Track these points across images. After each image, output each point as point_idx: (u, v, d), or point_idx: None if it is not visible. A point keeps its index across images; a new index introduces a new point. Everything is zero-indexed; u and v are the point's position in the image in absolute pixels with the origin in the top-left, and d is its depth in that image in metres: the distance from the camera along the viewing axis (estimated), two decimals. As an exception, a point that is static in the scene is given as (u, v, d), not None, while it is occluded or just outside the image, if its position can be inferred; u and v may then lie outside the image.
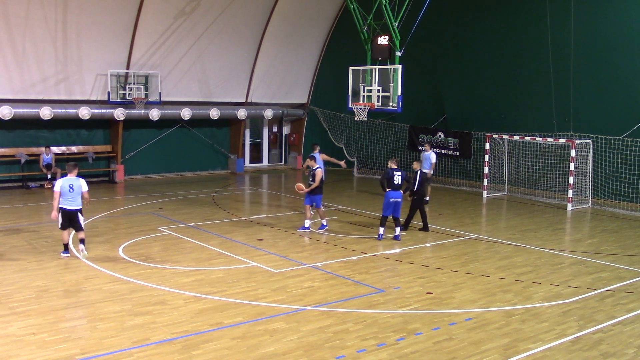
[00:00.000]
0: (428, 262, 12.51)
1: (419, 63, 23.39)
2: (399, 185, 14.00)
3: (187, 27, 23.00)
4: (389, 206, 14.02)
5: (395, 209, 14.07)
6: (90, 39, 21.40)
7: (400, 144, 25.28)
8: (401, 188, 14.10)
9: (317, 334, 8.55)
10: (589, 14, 19.79)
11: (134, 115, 22.73)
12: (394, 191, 13.99)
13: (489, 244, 14.30)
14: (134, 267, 11.69)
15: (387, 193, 14.04)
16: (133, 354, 7.76)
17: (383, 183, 14.11)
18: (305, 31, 26.65)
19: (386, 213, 14.13)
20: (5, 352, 7.75)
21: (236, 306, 9.62)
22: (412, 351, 8.03)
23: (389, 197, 13.98)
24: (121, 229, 15.19)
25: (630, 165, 18.80)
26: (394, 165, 14.30)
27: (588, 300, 10.27)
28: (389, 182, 13.97)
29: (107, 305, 9.55)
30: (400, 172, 14.05)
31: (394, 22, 15.92)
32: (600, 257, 13.14)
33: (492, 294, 10.47)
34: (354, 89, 16.98)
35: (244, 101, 26.25)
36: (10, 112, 20.25)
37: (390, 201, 13.97)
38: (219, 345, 8.11)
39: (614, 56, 19.39)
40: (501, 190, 21.77)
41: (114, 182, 23.25)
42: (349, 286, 10.82)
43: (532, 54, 21.28)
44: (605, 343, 8.46)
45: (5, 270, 11.32)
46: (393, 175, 13.94)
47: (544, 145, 20.61)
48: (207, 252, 12.97)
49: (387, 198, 14.02)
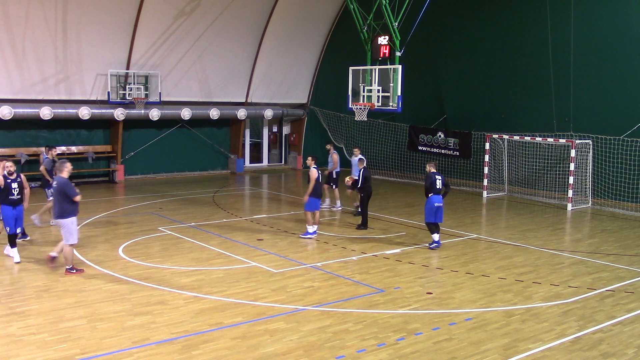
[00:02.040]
0: (428, 262, 12.52)
1: (419, 63, 23.40)
2: (440, 189, 13.52)
3: (187, 27, 23.00)
4: (433, 211, 13.44)
5: (438, 214, 13.55)
6: (90, 39, 21.40)
7: (400, 144, 25.29)
8: (441, 192, 13.59)
9: (317, 334, 8.55)
10: (589, 14, 19.80)
11: (134, 115, 22.74)
12: (436, 195, 13.47)
13: (489, 244, 14.30)
14: (134, 267, 11.70)
15: (430, 198, 13.40)
16: (133, 354, 7.76)
17: (428, 188, 13.49)
18: (305, 31, 26.65)
19: (432, 219, 13.48)
20: (5, 352, 7.76)
21: (236, 306, 9.62)
22: (412, 351, 8.03)
23: (433, 202, 13.37)
24: (121, 229, 15.19)
25: (630, 165, 18.80)
26: (433, 168, 13.68)
27: (588, 300, 10.28)
28: (431, 186, 13.46)
29: (107, 305, 9.55)
30: (440, 177, 13.58)
31: (394, 22, 15.92)
32: (600, 257, 13.14)
33: (492, 294, 10.47)
34: (354, 89, 16.99)
35: (244, 101, 26.25)
36: (10, 112, 20.26)
37: (434, 206, 13.40)
38: (219, 345, 8.11)
39: (614, 56, 19.39)
40: (501, 190, 21.77)
41: (114, 182, 23.25)
42: (349, 286, 10.82)
43: (532, 54, 21.28)
44: (605, 343, 8.46)
45: (5, 270, 11.32)
46: (435, 179, 13.47)
47: (544, 145, 20.61)
48: (207, 252, 12.97)
49: (432, 203, 13.38)
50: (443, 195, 13.62)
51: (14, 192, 11.58)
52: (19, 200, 11.75)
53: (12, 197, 11.59)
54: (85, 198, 19.05)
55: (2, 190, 11.54)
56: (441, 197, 13.54)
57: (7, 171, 11.69)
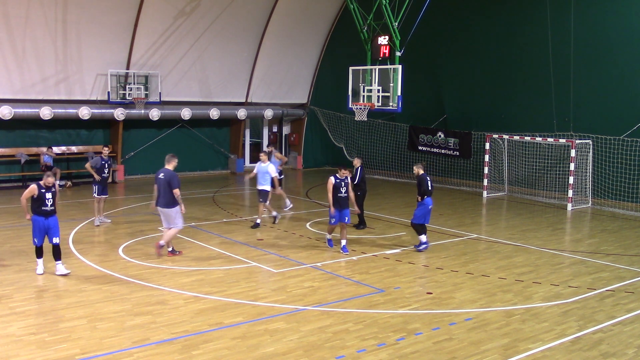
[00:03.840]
0: (428, 262, 12.51)
1: (419, 63, 23.39)
2: (432, 191, 13.38)
3: (187, 27, 23.00)
4: (427, 213, 13.32)
5: (428, 216, 13.39)
6: (90, 39, 21.40)
7: (400, 144, 25.29)
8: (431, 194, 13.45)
9: (317, 334, 8.54)
10: (589, 14, 19.80)
11: (134, 115, 22.74)
12: (430, 197, 13.34)
13: (489, 244, 14.30)
14: (134, 267, 11.69)
15: (426, 200, 13.24)
16: (133, 354, 7.76)
17: (426, 190, 13.23)
18: (305, 31, 26.65)
19: (422, 220, 13.33)
20: (5, 352, 7.76)
21: (236, 306, 9.62)
22: (412, 351, 8.03)
23: (428, 204, 13.25)
24: (121, 229, 15.19)
25: (630, 165, 18.80)
26: (423, 170, 13.47)
27: (588, 300, 10.27)
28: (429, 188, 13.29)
29: (107, 305, 9.55)
30: (429, 178, 13.44)
31: (394, 22, 15.93)
32: (600, 257, 13.14)
33: (492, 294, 10.47)
34: (354, 89, 17.00)
35: (244, 101, 26.25)
36: (10, 112, 20.26)
37: (429, 208, 13.28)
38: (219, 345, 8.11)
39: (614, 56, 19.39)
40: (501, 190, 21.77)
41: (114, 182, 23.23)
42: (349, 286, 10.81)
43: (532, 54, 21.28)
44: (605, 343, 8.46)
45: (5, 270, 11.32)
46: (428, 181, 13.33)
47: (544, 145, 20.61)
48: (207, 252, 12.97)
49: (427, 206, 13.25)
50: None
51: (47, 203, 10.98)
52: (52, 211, 11.09)
53: (45, 208, 10.97)
54: (85, 198, 19.10)
55: (35, 200, 10.96)
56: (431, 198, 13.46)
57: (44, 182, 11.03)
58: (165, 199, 12.13)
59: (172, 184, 12.04)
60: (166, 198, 12.12)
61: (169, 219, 12.31)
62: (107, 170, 15.66)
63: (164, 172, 12.20)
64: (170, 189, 12.04)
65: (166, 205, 12.16)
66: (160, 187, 12.17)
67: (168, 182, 12.06)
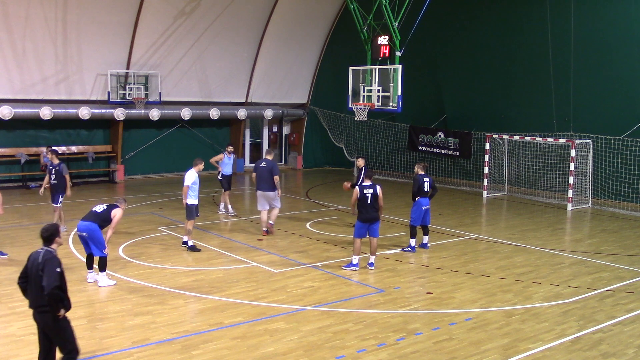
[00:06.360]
0: (428, 262, 12.51)
1: (419, 63, 23.39)
2: (427, 192, 13.28)
3: (187, 27, 22.99)
4: (421, 214, 13.25)
5: (426, 217, 13.41)
6: (90, 39, 21.39)
7: (400, 144, 25.29)
8: (429, 194, 13.34)
9: (317, 334, 8.55)
10: (589, 14, 19.80)
11: (134, 115, 22.73)
12: (424, 198, 13.23)
13: (489, 244, 14.30)
14: (134, 267, 11.69)
15: (418, 201, 13.18)
16: (133, 354, 7.76)
17: (415, 192, 13.22)
18: (305, 31, 26.64)
19: (418, 222, 13.27)
20: (5, 352, 7.76)
21: (236, 306, 9.62)
22: (412, 351, 8.03)
23: (421, 205, 13.17)
24: (121, 229, 15.17)
25: (630, 165, 18.80)
26: (422, 170, 13.36)
27: (588, 300, 10.28)
28: (419, 190, 13.19)
29: (107, 305, 9.56)
30: (428, 179, 13.31)
31: (394, 22, 15.93)
32: (600, 257, 13.14)
33: (492, 294, 10.47)
34: (354, 89, 16.99)
35: (244, 101, 26.25)
36: (10, 112, 20.25)
37: (422, 209, 13.22)
38: (219, 345, 8.11)
39: (614, 56, 19.39)
40: (501, 190, 21.77)
41: (114, 182, 23.25)
42: (349, 286, 10.82)
43: (532, 54, 21.29)
44: (605, 343, 8.46)
45: (6, 270, 11.32)
46: (423, 182, 13.21)
47: (544, 145, 20.61)
48: (207, 252, 12.97)
49: (419, 206, 13.17)
50: (430, 197, 13.40)
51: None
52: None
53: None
54: (85, 198, 19.11)
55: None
56: (428, 199, 13.33)
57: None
58: (268, 183, 14.03)
59: (274, 171, 14.02)
60: (269, 183, 14.03)
61: (270, 201, 14.22)
62: (53, 177, 13.81)
63: (265, 162, 14.17)
64: (271, 175, 13.98)
65: (268, 189, 14.06)
66: (262, 174, 14.08)
67: (270, 170, 14.02)
